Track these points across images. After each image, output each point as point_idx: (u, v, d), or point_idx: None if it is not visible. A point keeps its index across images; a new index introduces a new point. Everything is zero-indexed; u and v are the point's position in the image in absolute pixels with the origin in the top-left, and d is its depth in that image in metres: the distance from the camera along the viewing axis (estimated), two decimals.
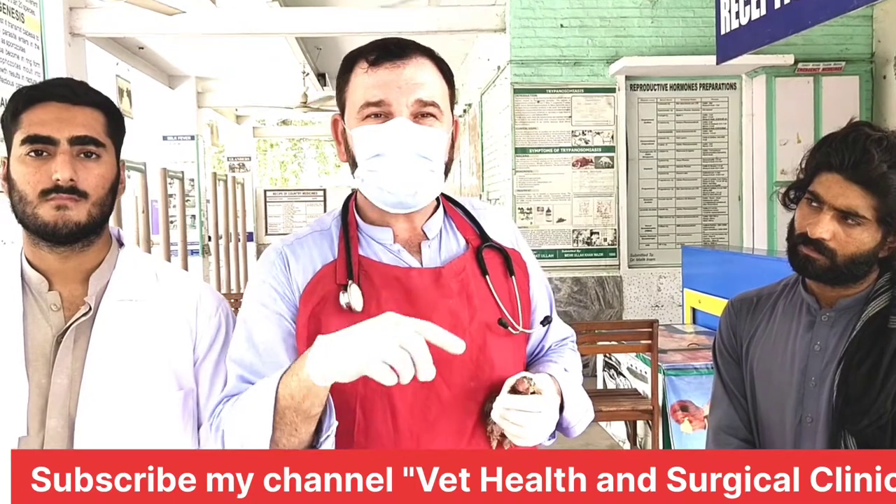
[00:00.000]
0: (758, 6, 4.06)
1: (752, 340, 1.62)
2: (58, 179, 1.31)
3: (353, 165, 1.33)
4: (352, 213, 1.39)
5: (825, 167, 1.44)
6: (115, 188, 1.41)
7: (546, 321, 1.45)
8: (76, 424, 1.30)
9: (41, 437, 1.30)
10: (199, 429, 1.44)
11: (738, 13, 4.29)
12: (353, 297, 1.28)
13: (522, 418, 1.23)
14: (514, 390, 1.26)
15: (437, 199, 1.42)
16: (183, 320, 1.43)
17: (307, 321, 1.30)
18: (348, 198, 1.43)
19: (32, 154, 1.32)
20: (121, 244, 1.46)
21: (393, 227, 1.36)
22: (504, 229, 1.47)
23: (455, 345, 1.08)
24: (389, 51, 1.28)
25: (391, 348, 1.06)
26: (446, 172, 1.34)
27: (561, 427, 1.40)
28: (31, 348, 1.32)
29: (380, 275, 1.31)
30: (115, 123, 1.41)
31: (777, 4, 3.88)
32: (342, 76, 1.33)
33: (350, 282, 1.29)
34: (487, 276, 1.37)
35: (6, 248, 1.49)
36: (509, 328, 1.34)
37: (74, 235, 1.34)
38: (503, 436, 1.28)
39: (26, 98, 1.34)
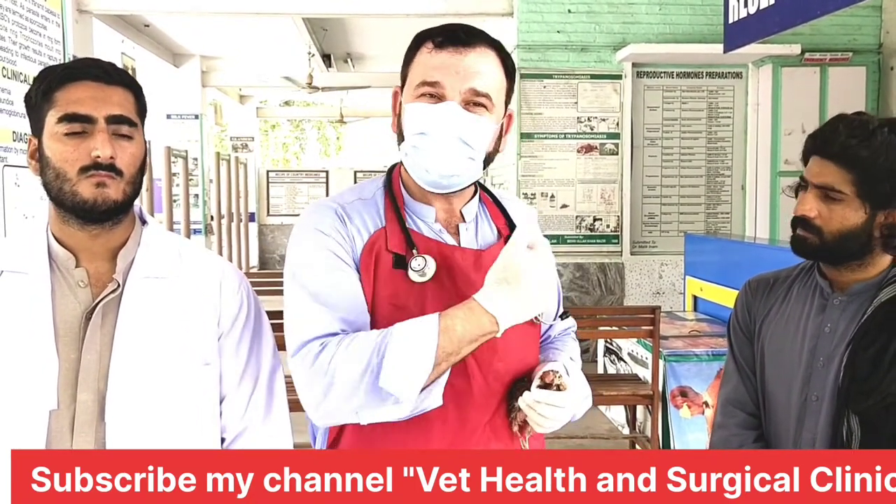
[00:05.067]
0: None
1: (765, 320, 1.67)
2: (98, 157, 1.32)
3: (401, 138, 1.37)
4: (397, 184, 1.43)
5: (808, 152, 1.53)
6: (143, 167, 1.42)
7: (564, 315, 1.53)
8: (107, 399, 1.33)
9: (72, 410, 1.32)
10: (221, 402, 1.47)
11: (746, 2, 4.27)
12: (428, 266, 1.32)
13: (549, 411, 1.28)
14: (542, 383, 1.31)
15: (475, 184, 1.46)
16: (206, 297, 1.45)
17: (365, 280, 1.33)
18: (391, 169, 1.46)
19: (70, 132, 1.33)
20: (144, 222, 1.47)
21: (433, 205, 1.41)
22: (529, 222, 1.51)
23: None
24: (457, 36, 1.33)
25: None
26: (487, 162, 1.38)
27: None
28: (60, 324, 1.34)
29: (425, 248, 1.36)
30: (142, 104, 1.43)
31: None
32: (409, 53, 1.38)
33: (415, 252, 1.33)
34: None
35: (30, 222, 1.50)
36: (534, 318, 1.37)
37: (110, 213, 1.36)
38: (525, 422, 1.34)
39: (61, 77, 1.35)
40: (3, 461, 1.24)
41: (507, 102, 1.40)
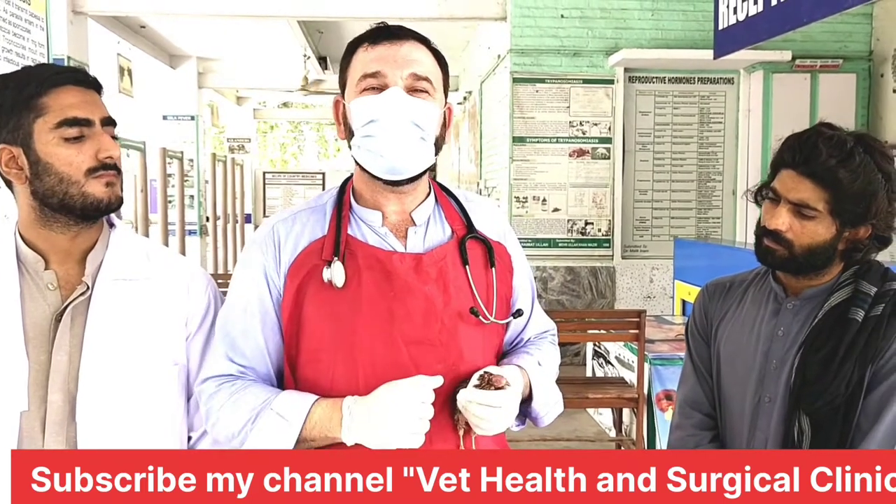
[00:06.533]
0: (755, 2, 4.08)
1: (721, 323, 1.70)
2: (108, 157, 1.36)
3: (350, 137, 1.39)
4: (347, 193, 1.44)
5: (782, 164, 1.54)
6: None
7: (518, 314, 1.48)
8: (77, 399, 1.35)
9: (43, 411, 1.34)
10: (189, 400, 1.50)
11: (735, 9, 4.31)
12: (335, 273, 1.34)
13: (484, 412, 1.28)
14: (480, 383, 1.30)
15: (430, 185, 1.47)
16: (175, 299, 1.47)
17: (294, 294, 1.36)
18: (347, 179, 1.48)
19: (70, 136, 1.35)
20: (112, 224, 1.49)
21: (383, 209, 1.41)
22: (493, 222, 1.51)
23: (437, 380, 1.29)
24: (388, 31, 1.37)
25: (412, 425, 1.24)
26: (437, 149, 1.39)
27: (530, 417, 1.47)
28: (29, 326, 1.35)
29: (364, 255, 1.37)
30: None
31: (774, 1, 3.90)
32: (345, 59, 1.41)
33: (335, 258, 1.35)
34: (467, 266, 1.41)
35: (3, 223, 1.51)
36: (480, 317, 1.39)
37: (112, 209, 1.40)
38: (468, 425, 1.32)
39: (49, 82, 1.35)
40: (1, 461, 1.26)
41: (446, 94, 1.42)
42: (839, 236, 1.51)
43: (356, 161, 1.40)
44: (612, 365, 4.87)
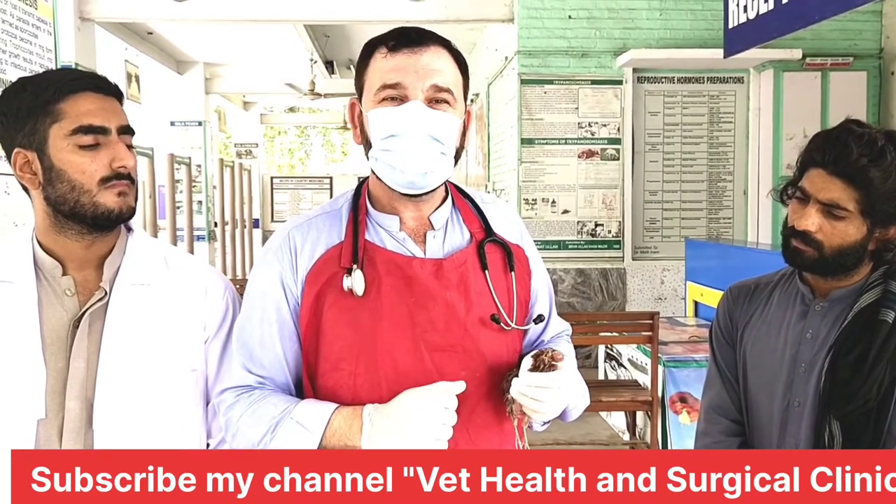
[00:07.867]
0: (765, 1, 4.06)
1: (747, 326, 1.67)
2: (122, 167, 1.35)
3: (368, 146, 1.36)
4: (363, 197, 1.42)
5: (811, 163, 1.50)
6: None
7: (539, 319, 1.47)
8: (95, 406, 1.33)
9: (60, 418, 1.32)
10: (207, 405, 1.48)
11: (745, 7, 4.28)
12: (356, 281, 1.32)
13: (543, 394, 1.28)
14: (537, 365, 1.30)
15: (447, 188, 1.45)
16: (192, 303, 1.46)
17: (312, 301, 1.34)
18: (362, 182, 1.46)
19: (85, 144, 1.33)
20: (129, 229, 1.48)
21: (401, 215, 1.39)
22: (510, 224, 1.50)
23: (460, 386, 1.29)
24: (409, 37, 1.33)
25: (435, 431, 1.24)
26: (456, 158, 1.37)
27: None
28: (47, 333, 1.34)
29: (383, 261, 1.35)
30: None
31: None
32: (362, 61, 1.37)
33: (354, 266, 1.33)
34: (487, 271, 1.40)
35: (15, 231, 1.50)
36: (501, 324, 1.38)
37: (124, 219, 1.39)
38: (523, 412, 1.32)
39: (67, 88, 1.34)
40: (2, 462, 1.24)
41: (466, 99, 1.39)
42: (870, 236, 1.48)
43: (374, 172, 1.37)
44: (624, 367, 4.84)
